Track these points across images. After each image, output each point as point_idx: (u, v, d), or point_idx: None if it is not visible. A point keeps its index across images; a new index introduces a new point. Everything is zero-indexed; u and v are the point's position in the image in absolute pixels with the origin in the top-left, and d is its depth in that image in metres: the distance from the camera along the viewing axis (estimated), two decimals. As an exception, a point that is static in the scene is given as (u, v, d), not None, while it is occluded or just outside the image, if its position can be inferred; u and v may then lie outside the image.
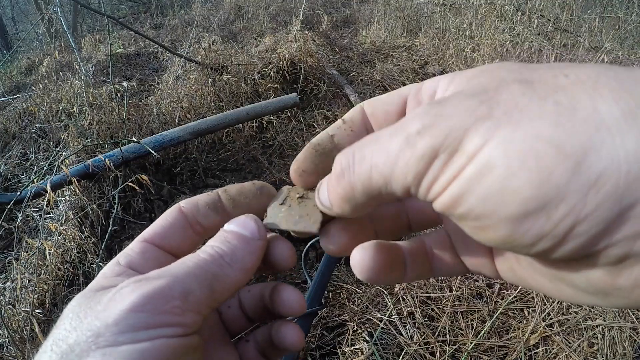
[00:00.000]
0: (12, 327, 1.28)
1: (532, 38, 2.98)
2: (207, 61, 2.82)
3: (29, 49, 4.99)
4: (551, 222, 0.14)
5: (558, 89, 0.15)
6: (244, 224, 0.25)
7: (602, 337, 1.25)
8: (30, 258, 1.56)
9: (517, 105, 0.15)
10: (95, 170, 1.81)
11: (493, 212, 0.15)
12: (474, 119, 0.16)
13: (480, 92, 0.17)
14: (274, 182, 2.12)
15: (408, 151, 0.17)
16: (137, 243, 0.26)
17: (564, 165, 0.14)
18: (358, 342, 1.28)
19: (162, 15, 6.22)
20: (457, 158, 0.16)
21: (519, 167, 0.14)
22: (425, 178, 0.17)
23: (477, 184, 0.15)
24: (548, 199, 0.14)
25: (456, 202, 0.16)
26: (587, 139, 0.14)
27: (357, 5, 5.72)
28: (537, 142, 0.14)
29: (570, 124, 0.14)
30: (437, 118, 0.17)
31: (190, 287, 0.21)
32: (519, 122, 0.15)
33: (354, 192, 0.20)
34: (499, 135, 0.15)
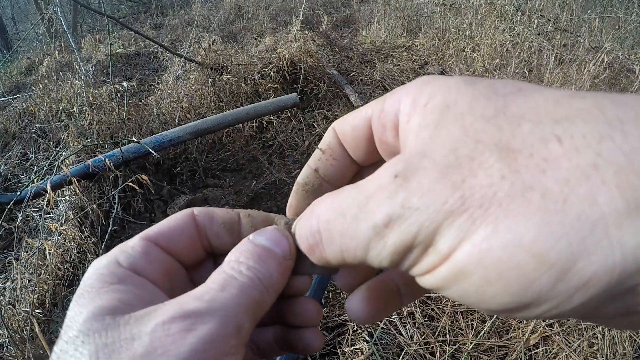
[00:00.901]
0: (12, 327, 1.28)
1: (532, 38, 2.98)
2: (207, 61, 2.82)
3: (29, 49, 4.99)
4: (532, 314, 0.14)
5: (547, 167, 0.13)
6: (277, 241, 0.23)
7: (602, 337, 1.25)
8: (30, 258, 1.56)
9: (496, 195, 0.13)
10: (95, 170, 1.81)
11: (473, 304, 0.15)
12: (445, 214, 0.14)
13: (452, 164, 0.15)
14: (274, 182, 2.12)
15: (379, 243, 0.16)
16: (140, 241, 0.23)
17: (547, 275, 0.13)
18: (358, 342, 1.28)
19: (162, 15, 6.22)
20: (430, 255, 0.15)
21: (496, 278, 0.13)
22: (402, 264, 0.17)
23: (453, 284, 0.15)
24: (528, 303, 0.13)
25: (435, 288, 0.16)
26: (578, 244, 0.12)
27: (357, 5, 5.72)
28: (517, 251, 0.13)
29: (559, 225, 0.12)
30: (405, 210, 0.15)
31: (242, 321, 0.19)
32: (497, 221, 0.13)
33: (329, 264, 0.19)
34: (473, 237, 0.14)
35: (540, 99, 0.15)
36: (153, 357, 0.17)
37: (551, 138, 0.13)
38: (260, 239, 0.23)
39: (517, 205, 0.13)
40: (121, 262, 0.22)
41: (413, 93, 0.19)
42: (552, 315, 0.14)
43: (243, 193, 2.07)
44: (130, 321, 0.18)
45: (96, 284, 0.20)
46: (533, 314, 0.14)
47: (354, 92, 2.86)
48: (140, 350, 0.17)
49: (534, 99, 0.15)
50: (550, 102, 0.15)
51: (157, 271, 0.22)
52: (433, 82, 0.18)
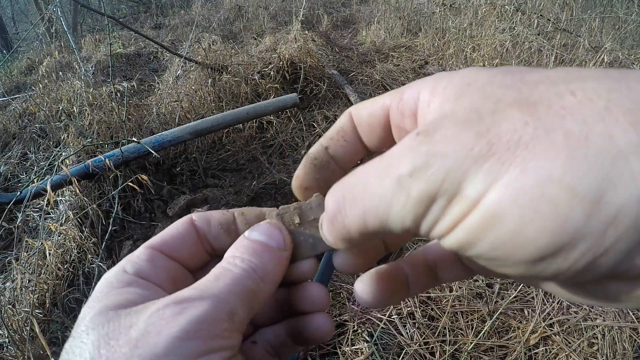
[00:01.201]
0: (12, 327, 1.28)
1: (532, 38, 2.98)
2: (207, 61, 2.82)
3: (29, 49, 4.99)
4: (569, 261, 0.14)
5: (566, 113, 0.14)
6: (270, 234, 0.24)
7: (602, 337, 1.25)
8: (30, 258, 1.56)
9: (521, 138, 0.14)
10: (95, 170, 1.81)
11: (507, 257, 0.15)
12: (473, 159, 0.14)
13: (475, 119, 0.15)
14: (274, 182, 2.12)
15: (402, 196, 0.16)
16: (145, 249, 0.24)
17: (580, 209, 0.13)
18: (358, 342, 1.28)
19: (162, 15, 6.22)
20: (457, 203, 0.15)
21: (532, 215, 0.13)
22: (424, 221, 0.16)
23: (486, 233, 0.14)
24: (565, 243, 0.13)
25: (464, 246, 0.16)
26: (603, 176, 0.13)
27: (357, 5, 5.72)
28: (549, 186, 0.13)
29: (584, 160, 0.13)
30: (430, 157, 0.15)
31: (235, 307, 0.20)
32: (526, 161, 0.14)
33: (349, 234, 0.19)
34: (504, 179, 0.14)
35: (552, 72, 0.16)
36: (147, 339, 0.18)
37: (566, 92, 0.15)
38: (254, 234, 0.24)
39: (543, 145, 0.14)
40: (127, 270, 0.23)
41: (432, 84, 0.20)
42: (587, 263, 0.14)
43: (243, 193, 2.07)
44: (131, 313, 0.19)
45: (105, 289, 0.22)
46: (569, 260, 0.14)
47: (354, 92, 2.86)
48: (136, 334, 0.18)
49: (546, 72, 0.17)
50: (561, 72, 0.16)
51: (162, 276, 0.23)
52: (450, 73, 0.19)
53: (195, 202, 1.93)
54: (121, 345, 0.18)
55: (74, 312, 1.50)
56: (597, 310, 1.33)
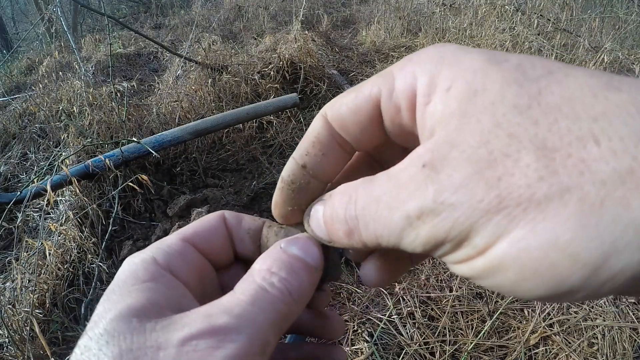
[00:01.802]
0: (12, 327, 1.28)
1: (532, 38, 2.98)
2: (207, 61, 2.82)
3: (29, 49, 4.99)
4: (566, 300, 0.15)
5: (585, 169, 0.13)
6: (308, 250, 0.22)
7: (602, 337, 1.25)
8: (30, 258, 1.56)
9: (534, 196, 0.13)
10: (95, 170, 1.81)
11: (506, 293, 0.16)
12: (482, 212, 0.14)
13: (485, 159, 0.15)
14: (274, 182, 2.11)
15: (412, 233, 0.17)
16: (178, 241, 0.23)
17: (580, 273, 0.13)
18: (358, 342, 1.28)
19: (162, 15, 6.22)
20: (464, 248, 0.15)
21: (531, 275, 0.14)
22: (433, 254, 0.17)
23: (488, 277, 0.15)
24: (561, 295, 0.14)
25: (469, 277, 0.17)
26: (609, 244, 0.13)
27: (357, 5, 5.72)
28: (554, 251, 0.13)
29: (595, 228, 0.13)
30: (437, 205, 0.15)
31: (269, 339, 0.19)
32: (535, 221, 0.13)
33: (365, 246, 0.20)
34: (511, 235, 0.14)
35: (575, 88, 0.15)
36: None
37: (589, 138, 0.13)
38: (293, 248, 0.22)
39: (555, 207, 0.13)
40: (158, 260, 0.21)
41: (428, 69, 0.18)
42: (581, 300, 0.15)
43: (243, 193, 2.07)
44: (157, 328, 0.18)
45: (129, 280, 0.20)
46: (566, 300, 0.15)
47: (354, 92, 2.85)
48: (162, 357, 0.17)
49: (568, 88, 0.15)
50: (586, 94, 0.14)
51: (190, 272, 0.22)
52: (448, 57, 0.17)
53: (195, 202, 1.93)
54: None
55: (74, 312, 1.50)
56: (597, 310, 1.33)
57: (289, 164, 0.24)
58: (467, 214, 0.15)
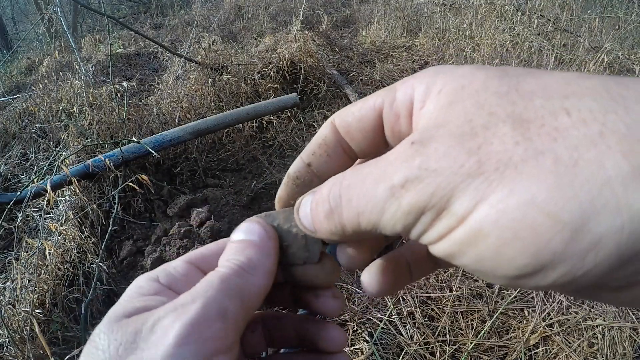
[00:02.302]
0: (12, 327, 1.28)
1: (532, 38, 2.98)
2: (207, 61, 2.82)
3: (29, 49, 4.99)
4: (547, 280, 0.14)
5: (558, 136, 0.14)
6: (250, 230, 0.24)
7: (602, 337, 1.25)
8: (30, 258, 1.56)
9: (511, 159, 0.14)
10: (95, 170, 1.81)
11: (488, 271, 0.15)
12: (462, 177, 0.15)
13: (467, 133, 0.16)
14: (274, 182, 2.12)
15: (394, 204, 0.17)
16: (182, 263, 0.25)
17: (561, 235, 0.13)
18: (358, 342, 1.28)
19: (162, 15, 6.22)
20: (445, 218, 0.15)
21: (512, 237, 0.14)
22: (414, 229, 0.17)
23: (469, 248, 0.15)
24: (544, 265, 0.14)
25: (448, 256, 0.16)
26: (588, 204, 0.13)
27: (357, 5, 5.72)
28: (532, 210, 0.13)
29: (570, 187, 0.13)
30: (422, 171, 0.16)
31: (225, 304, 0.20)
32: (512, 183, 0.14)
33: (343, 230, 0.20)
34: (490, 198, 0.14)
35: (550, 79, 0.16)
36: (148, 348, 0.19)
37: (560, 111, 0.14)
38: (236, 235, 0.25)
39: (531, 168, 0.14)
40: (160, 279, 0.24)
41: (426, 81, 0.19)
42: (565, 282, 0.14)
43: (243, 193, 2.07)
44: (138, 320, 0.20)
45: (134, 294, 0.23)
46: (548, 279, 0.14)
47: (354, 92, 2.86)
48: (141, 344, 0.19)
49: (543, 79, 0.16)
50: (560, 82, 0.16)
51: None
52: (445, 70, 0.19)
53: (195, 202, 1.93)
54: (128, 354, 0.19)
55: (74, 312, 1.50)
56: (597, 310, 1.33)
57: (296, 161, 0.26)
58: (448, 179, 0.15)
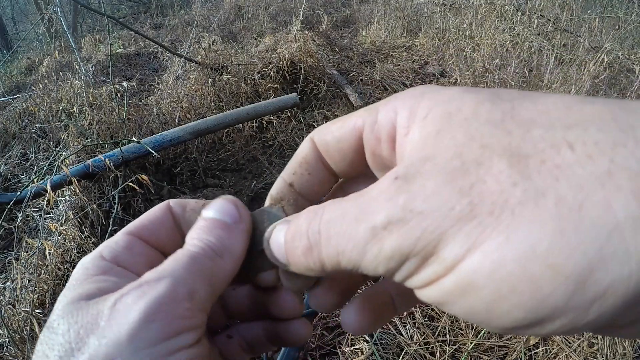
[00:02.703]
0: (12, 327, 1.28)
1: (532, 38, 2.98)
2: (207, 61, 2.82)
3: (29, 49, 4.99)
4: (545, 331, 0.13)
5: (560, 174, 0.12)
6: (223, 210, 0.24)
7: (602, 337, 1.25)
8: (30, 258, 1.56)
9: (507, 202, 0.13)
10: (95, 170, 1.81)
11: (481, 321, 0.14)
12: (452, 221, 0.13)
13: (458, 170, 0.14)
14: (274, 182, 2.11)
15: (375, 246, 0.15)
16: (123, 235, 0.24)
17: (563, 287, 0.12)
18: (358, 342, 1.28)
19: (162, 15, 6.22)
20: (432, 264, 0.14)
21: (509, 292, 0.12)
22: (397, 274, 0.16)
23: (459, 298, 0.14)
24: (542, 318, 0.13)
25: (436, 304, 0.15)
26: (594, 253, 0.11)
27: (357, 5, 5.72)
28: (532, 262, 0.12)
29: (575, 234, 0.12)
30: (406, 213, 0.14)
31: (194, 286, 0.20)
32: (509, 229, 0.12)
33: (322, 267, 0.18)
34: (483, 246, 0.13)
35: (549, 103, 0.14)
36: (112, 327, 0.18)
37: (563, 145, 0.13)
38: (209, 212, 0.24)
39: (530, 212, 0.12)
40: (105, 256, 0.23)
41: (409, 104, 0.18)
42: (565, 331, 0.13)
43: (243, 193, 2.07)
44: (99, 301, 0.19)
45: (81, 276, 0.22)
46: (545, 331, 0.13)
47: (354, 92, 2.86)
48: (102, 323, 0.18)
49: (543, 103, 0.15)
50: (560, 107, 0.14)
51: (140, 263, 0.23)
52: (430, 93, 0.18)
53: (195, 202, 1.93)
54: (89, 335, 0.18)
55: (74, 312, 1.50)
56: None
57: (277, 182, 0.25)
58: (437, 222, 0.14)
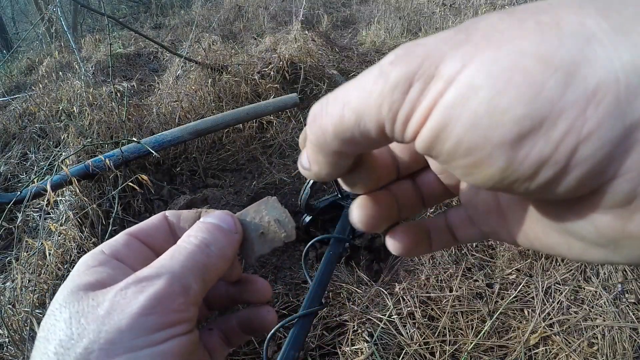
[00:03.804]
0: (12, 327, 1.28)
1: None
2: (207, 61, 2.82)
3: (29, 49, 4.99)
4: (551, 143, 0.13)
5: (539, 11, 0.14)
6: (222, 218, 0.26)
7: (602, 337, 1.25)
8: (30, 258, 1.56)
9: (496, 28, 0.14)
10: (95, 170, 1.81)
11: (484, 139, 0.14)
12: (451, 45, 0.15)
13: (455, 29, 0.16)
14: (274, 182, 2.12)
15: (380, 81, 0.15)
16: (122, 235, 0.26)
17: (555, 78, 0.12)
18: (358, 342, 1.28)
19: (162, 15, 6.22)
20: (434, 84, 0.14)
21: (506, 83, 0.13)
22: (401, 109, 0.15)
23: (461, 108, 0.14)
24: (543, 116, 0.13)
25: (440, 135, 0.15)
26: (577, 51, 0.12)
27: (357, 5, 5.72)
28: (523, 57, 0.13)
29: (557, 38, 0.13)
30: (412, 47, 0.16)
31: (189, 282, 0.22)
32: (500, 42, 0.14)
33: (325, 136, 0.18)
34: (479, 57, 0.14)
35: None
36: (112, 316, 0.20)
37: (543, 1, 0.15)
38: (208, 218, 0.26)
39: (515, 30, 0.14)
40: (104, 250, 0.25)
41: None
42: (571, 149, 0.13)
43: (243, 193, 2.07)
44: (98, 293, 0.21)
45: (81, 268, 0.24)
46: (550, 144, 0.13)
47: (354, 92, 2.86)
48: (102, 312, 0.20)
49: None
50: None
51: (136, 259, 0.25)
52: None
53: (195, 202, 1.93)
54: (90, 323, 0.20)
55: (74, 312, 1.50)
56: (597, 310, 1.33)
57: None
58: (437, 47, 0.15)
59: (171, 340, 0.20)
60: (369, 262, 1.65)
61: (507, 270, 1.50)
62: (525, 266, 1.49)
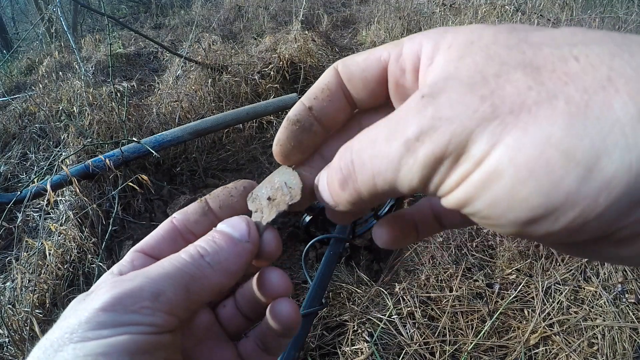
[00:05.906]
0: (12, 327, 1.28)
1: (532, 38, 2.97)
2: (207, 61, 2.82)
3: (29, 49, 4.98)
4: (559, 224, 0.14)
5: (568, 80, 0.14)
6: (235, 225, 0.24)
7: (602, 337, 1.25)
8: (30, 258, 1.56)
9: (525, 103, 0.15)
10: (95, 170, 1.81)
11: (500, 216, 0.15)
12: (477, 121, 0.15)
13: (479, 81, 0.16)
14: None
15: (410, 158, 0.17)
16: (129, 253, 0.26)
17: (574, 173, 0.13)
18: (358, 342, 1.28)
19: (162, 15, 6.21)
20: (463, 163, 0.16)
21: (527, 175, 0.14)
22: (431, 182, 0.17)
23: (485, 190, 0.15)
24: (557, 207, 0.14)
25: (464, 204, 0.16)
26: (600, 142, 0.13)
27: (357, 5, 5.71)
28: (547, 148, 0.14)
29: (583, 126, 0.13)
30: (435, 121, 0.16)
31: (162, 289, 0.21)
32: (527, 124, 0.14)
33: (360, 197, 0.20)
34: (506, 140, 0.14)
35: (557, 32, 0.17)
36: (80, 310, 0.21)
37: (569, 57, 0.15)
38: (222, 226, 0.25)
39: (544, 110, 0.14)
40: (113, 271, 0.25)
41: (434, 38, 0.19)
42: (576, 226, 0.14)
43: (243, 193, 2.07)
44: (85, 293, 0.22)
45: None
46: (559, 223, 0.14)
47: (354, 92, 2.86)
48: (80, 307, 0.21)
49: (551, 32, 0.17)
50: (566, 33, 0.16)
51: None
52: (454, 29, 0.19)
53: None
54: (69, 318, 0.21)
55: (74, 312, 1.50)
56: (597, 310, 1.33)
57: (296, 105, 0.25)
58: (464, 124, 0.15)
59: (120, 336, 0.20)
60: (369, 262, 1.65)
61: (507, 270, 1.50)
62: (525, 266, 1.49)
